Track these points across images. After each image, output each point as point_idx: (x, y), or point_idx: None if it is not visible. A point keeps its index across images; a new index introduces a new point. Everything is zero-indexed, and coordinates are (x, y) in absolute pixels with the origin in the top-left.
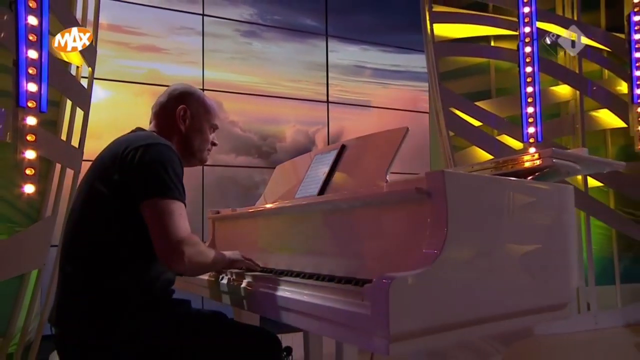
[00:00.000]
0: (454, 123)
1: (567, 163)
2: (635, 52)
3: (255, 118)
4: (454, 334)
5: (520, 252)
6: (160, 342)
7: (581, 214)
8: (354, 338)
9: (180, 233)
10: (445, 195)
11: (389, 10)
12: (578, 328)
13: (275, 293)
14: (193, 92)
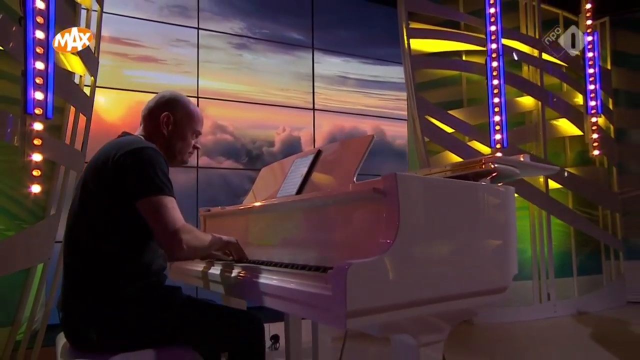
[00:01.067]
0: (429, 130)
1: (508, 167)
2: (589, 68)
3: (246, 124)
4: (404, 312)
5: (463, 243)
6: (154, 322)
7: (543, 213)
8: (319, 315)
9: (176, 223)
10: (397, 195)
11: (370, 25)
12: (539, 316)
13: (257, 280)
14: (179, 99)
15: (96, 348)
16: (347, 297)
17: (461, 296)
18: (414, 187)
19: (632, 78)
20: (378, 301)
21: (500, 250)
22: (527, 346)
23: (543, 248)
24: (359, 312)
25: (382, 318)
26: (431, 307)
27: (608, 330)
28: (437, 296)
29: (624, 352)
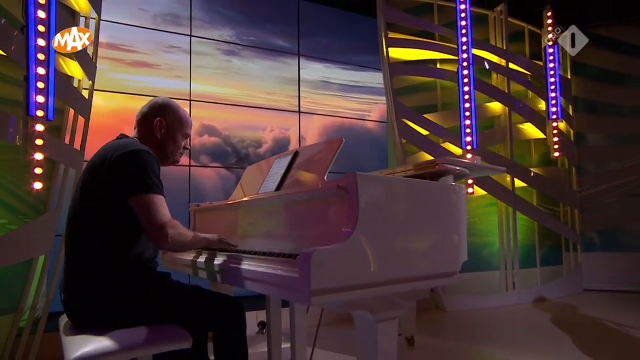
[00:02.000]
0: (406, 132)
1: (457, 168)
2: (550, 78)
3: (235, 125)
4: (361, 293)
5: (415, 233)
6: (146, 303)
7: (510, 209)
8: (289, 295)
9: (163, 219)
10: (357, 191)
11: (351, 34)
12: (505, 303)
13: (239, 267)
14: (170, 105)
15: (94, 326)
16: (312, 279)
17: (413, 279)
18: (371, 185)
19: (590, 87)
20: (338, 282)
21: (449, 239)
22: (494, 330)
23: (510, 241)
24: (322, 292)
25: (342, 297)
26: (386, 288)
27: (566, 314)
28: (391, 279)
29: (578, 334)
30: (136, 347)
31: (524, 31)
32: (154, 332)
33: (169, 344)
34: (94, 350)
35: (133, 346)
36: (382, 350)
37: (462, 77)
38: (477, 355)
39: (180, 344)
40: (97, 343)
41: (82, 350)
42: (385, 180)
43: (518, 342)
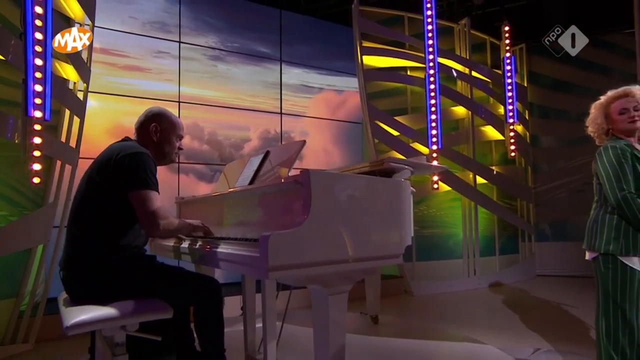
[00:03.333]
0: (378, 133)
1: (401, 166)
2: (507, 85)
3: (221, 125)
4: (313, 270)
5: (361, 221)
6: (134, 280)
7: (472, 204)
8: (252, 271)
9: (156, 211)
10: (310, 185)
11: (329, 42)
12: (466, 287)
13: (216, 250)
14: (163, 113)
15: (89, 300)
16: (269, 257)
17: (359, 259)
18: (322, 180)
19: (544, 94)
20: (292, 260)
21: (393, 227)
22: (453, 310)
23: (472, 233)
24: (277, 268)
25: (295, 273)
26: (334, 266)
27: (519, 296)
28: (339, 259)
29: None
30: (124, 316)
31: (485, 43)
32: (140, 304)
33: (151, 314)
34: (88, 318)
35: (121, 315)
36: (332, 319)
37: (428, 84)
38: (433, 330)
39: (161, 314)
40: (90, 312)
41: (78, 318)
42: (335, 175)
43: (474, 321)
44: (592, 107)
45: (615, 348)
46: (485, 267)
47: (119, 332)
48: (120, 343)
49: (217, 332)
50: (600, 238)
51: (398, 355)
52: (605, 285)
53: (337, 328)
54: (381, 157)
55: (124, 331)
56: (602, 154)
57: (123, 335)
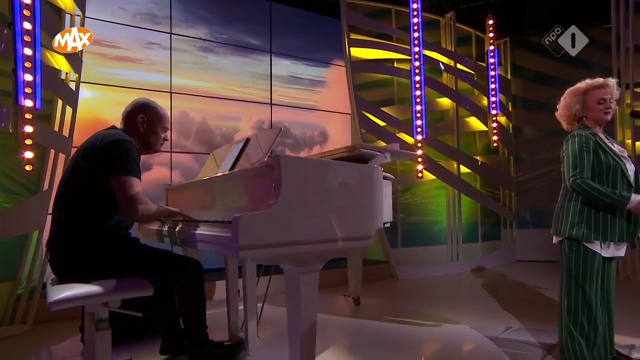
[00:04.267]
0: (365, 123)
1: (374, 152)
2: (491, 78)
3: (212, 115)
4: (285, 249)
5: (331, 203)
6: (118, 260)
7: (455, 192)
8: (225, 250)
9: (134, 196)
10: (280, 169)
11: (317, 34)
12: (450, 272)
13: (194, 232)
14: (150, 104)
15: (74, 279)
16: (239, 237)
17: (328, 240)
18: (293, 165)
19: (526, 87)
20: (262, 240)
21: (363, 210)
22: (435, 293)
23: (455, 220)
24: (248, 247)
25: (266, 252)
26: (304, 247)
27: (499, 280)
28: (309, 240)
29: (506, 295)
30: (105, 293)
31: (471, 36)
32: (121, 282)
33: (132, 292)
34: (70, 294)
35: (103, 292)
36: (304, 295)
37: (413, 75)
38: (411, 312)
39: (142, 292)
40: (73, 290)
41: (61, 295)
42: (304, 160)
43: (453, 303)
44: (569, 92)
45: (575, 323)
46: (468, 253)
47: (101, 308)
48: (103, 319)
49: (199, 310)
50: (565, 223)
51: (374, 334)
52: (568, 267)
53: (309, 304)
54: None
55: (107, 307)
56: (569, 142)
57: (106, 312)
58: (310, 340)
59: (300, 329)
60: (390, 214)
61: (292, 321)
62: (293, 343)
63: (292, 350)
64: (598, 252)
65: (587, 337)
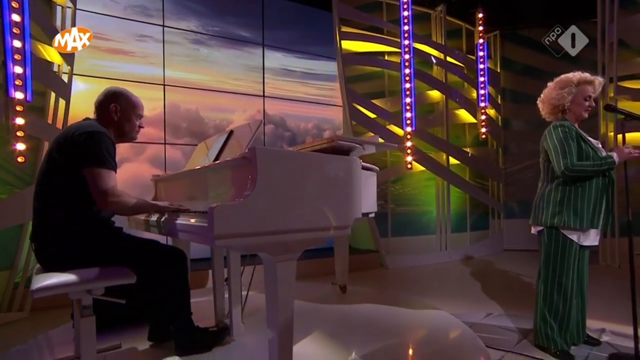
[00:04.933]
0: (356, 115)
1: (351, 144)
2: (480, 71)
3: (205, 108)
4: (261, 239)
5: (308, 194)
6: (100, 249)
7: (445, 183)
8: (203, 239)
9: (107, 189)
10: (256, 161)
11: (309, 27)
12: (439, 260)
13: (175, 222)
14: (122, 92)
15: (59, 268)
16: (214, 226)
17: (304, 230)
18: (268, 156)
19: (515, 80)
20: (237, 230)
21: (339, 200)
22: (422, 281)
23: (444, 210)
24: (223, 236)
25: (241, 241)
26: (279, 236)
27: (485, 268)
28: (284, 230)
29: (491, 283)
30: (87, 281)
31: (461, 29)
32: (105, 270)
33: (114, 280)
34: (52, 282)
35: (84, 280)
36: (281, 283)
37: (403, 68)
38: (396, 299)
39: (124, 279)
40: (57, 278)
41: (44, 283)
42: (280, 152)
43: (438, 290)
44: (561, 81)
45: (550, 309)
46: (457, 242)
47: (85, 295)
48: (87, 305)
49: (183, 297)
50: (545, 213)
51: (355, 320)
52: (547, 255)
53: (286, 292)
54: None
55: (90, 295)
56: (552, 132)
57: (89, 299)
58: (288, 325)
59: (279, 315)
60: (374, 204)
61: (271, 308)
62: (272, 328)
63: (271, 335)
64: (576, 240)
65: (560, 323)
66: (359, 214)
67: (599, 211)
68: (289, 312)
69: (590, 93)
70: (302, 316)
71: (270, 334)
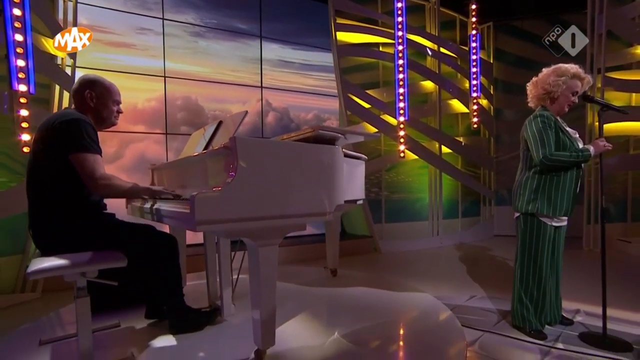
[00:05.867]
0: (351, 105)
1: (332, 134)
2: (472, 62)
3: (205, 98)
4: (242, 224)
5: (288, 181)
6: (93, 233)
7: (437, 171)
8: (185, 224)
9: (95, 173)
10: (236, 150)
11: (305, 19)
12: (431, 245)
13: (162, 209)
14: (95, 79)
15: (56, 252)
16: (195, 213)
17: (284, 216)
18: (248, 146)
19: (508, 70)
20: (218, 216)
21: (319, 187)
22: (412, 265)
23: (436, 197)
24: (204, 222)
25: (223, 227)
26: (259, 222)
27: (475, 253)
28: (265, 216)
29: (480, 267)
30: (80, 265)
31: (455, 20)
32: (97, 254)
33: (107, 263)
34: (47, 265)
35: (77, 264)
36: (263, 266)
37: (397, 59)
38: (382, 281)
39: (115, 263)
40: (51, 261)
41: (39, 266)
42: (260, 142)
43: (426, 274)
44: (557, 70)
45: (526, 291)
46: (448, 228)
47: (79, 278)
48: (82, 287)
49: (174, 280)
50: (521, 200)
51: (343, 301)
52: (523, 239)
53: (268, 274)
54: (316, 125)
55: (84, 277)
56: (532, 122)
57: (84, 281)
58: (270, 305)
59: (261, 296)
60: (361, 192)
61: (254, 290)
62: (255, 309)
63: (255, 315)
64: (549, 224)
65: (535, 304)
66: (340, 200)
67: (568, 198)
68: (271, 294)
69: (578, 89)
70: (292, 298)
71: (254, 314)
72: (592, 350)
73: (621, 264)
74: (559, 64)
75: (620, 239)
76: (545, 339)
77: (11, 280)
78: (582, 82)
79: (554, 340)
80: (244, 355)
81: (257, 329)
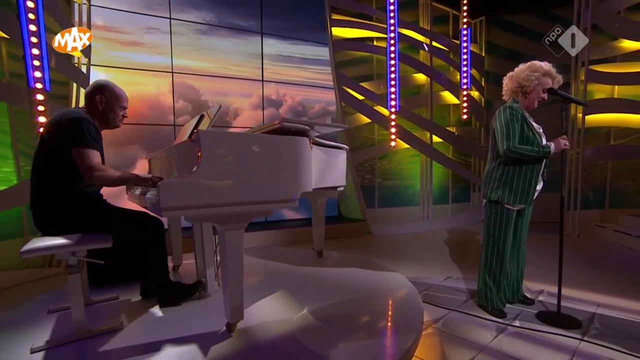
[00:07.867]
0: (345, 97)
1: (297, 126)
2: (463, 55)
3: (210, 92)
4: (208, 210)
5: (251, 170)
6: (88, 217)
7: (428, 159)
8: (154, 210)
9: (91, 165)
10: (200, 142)
11: (303, 14)
12: (421, 229)
13: (144, 196)
14: (107, 85)
15: (55, 233)
16: (161, 200)
17: (248, 203)
18: (211, 138)
19: (499, 63)
20: (182, 203)
21: (284, 176)
22: (399, 247)
23: (427, 184)
24: (170, 208)
25: (189, 212)
26: (224, 208)
27: (461, 237)
28: (229, 202)
29: (464, 249)
30: (70, 245)
31: (448, 14)
32: (86, 236)
33: (94, 244)
34: (41, 245)
35: (67, 244)
36: (230, 249)
37: (389, 52)
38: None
39: (102, 244)
40: (45, 242)
41: (33, 245)
42: (223, 134)
43: (408, 255)
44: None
45: (489, 273)
46: (439, 213)
47: (70, 257)
48: (73, 265)
49: (159, 258)
50: (488, 188)
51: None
52: (488, 224)
53: (234, 256)
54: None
55: (75, 256)
56: (501, 114)
57: (75, 259)
58: (238, 284)
59: (229, 275)
60: (342, 179)
61: (223, 270)
62: (225, 286)
63: (224, 292)
64: (512, 209)
65: (497, 284)
66: (307, 188)
67: (529, 188)
68: (238, 273)
69: (549, 86)
70: (274, 276)
71: (223, 290)
72: (545, 327)
73: (595, 247)
74: (534, 61)
75: (598, 224)
76: (505, 317)
77: (40, 257)
78: (553, 80)
79: (512, 319)
80: (219, 327)
81: (226, 304)
